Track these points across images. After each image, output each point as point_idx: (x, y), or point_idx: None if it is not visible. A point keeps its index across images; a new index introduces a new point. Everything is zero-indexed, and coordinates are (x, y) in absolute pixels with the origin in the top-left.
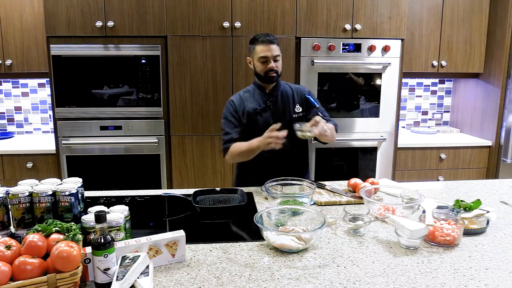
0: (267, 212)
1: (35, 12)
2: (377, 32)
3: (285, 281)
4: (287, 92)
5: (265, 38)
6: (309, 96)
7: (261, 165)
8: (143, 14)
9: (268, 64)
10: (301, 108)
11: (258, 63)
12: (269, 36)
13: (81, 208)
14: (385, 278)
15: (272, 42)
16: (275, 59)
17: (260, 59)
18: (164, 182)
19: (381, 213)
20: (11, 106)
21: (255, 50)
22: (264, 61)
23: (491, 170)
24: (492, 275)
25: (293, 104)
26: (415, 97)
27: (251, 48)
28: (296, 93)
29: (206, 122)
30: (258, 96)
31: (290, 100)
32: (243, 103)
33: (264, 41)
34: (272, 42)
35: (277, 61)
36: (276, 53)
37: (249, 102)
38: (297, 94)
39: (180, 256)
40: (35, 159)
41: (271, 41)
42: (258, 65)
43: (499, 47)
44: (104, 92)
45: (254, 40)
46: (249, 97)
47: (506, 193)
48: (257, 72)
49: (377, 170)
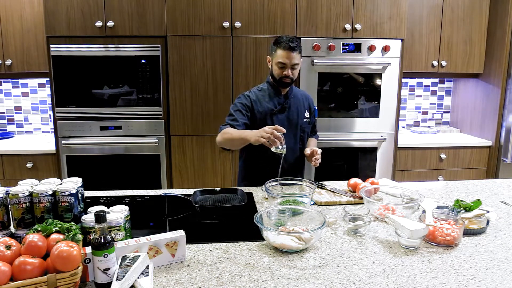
0: (267, 212)
1: (35, 12)
2: (377, 32)
3: (285, 281)
4: (299, 96)
5: (288, 44)
6: (316, 108)
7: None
8: (143, 14)
9: (284, 70)
10: (309, 114)
11: (275, 66)
12: (293, 43)
13: (81, 208)
14: (385, 278)
15: (294, 50)
16: (293, 67)
17: (278, 64)
18: (164, 182)
19: (381, 213)
20: (11, 106)
21: (276, 54)
22: (282, 67)
23: (491, 170)
24: (492, 275)
25: (303, 109)
26: (415, 97)
27: (273, 50)
28: (305, 99)
29: (206, 122)
30: (273, 96)
31: (301, 104)
32: (258, 101)
33: (286, 47)
34: (294, 50)
35: (295, 69)
36: (295, 62)
37: (265, 101)
38: (306, 100)
39: (180, 256)
40: (35, 159)
41: (293, 48)
42: (275, 69)
43: (499, 47)
44: (104, 92)
45: (278, 42)
46: (265, 96)
47: (506, 193)
48: (273, 74)
49: (377, 170)
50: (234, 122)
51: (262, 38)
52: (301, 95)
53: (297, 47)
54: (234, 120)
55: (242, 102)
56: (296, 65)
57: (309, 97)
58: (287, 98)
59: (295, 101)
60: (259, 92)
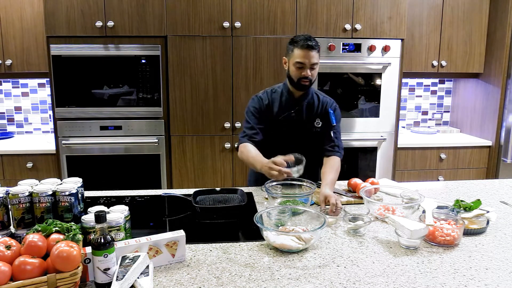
0: (267, 212)
1: (35, 12)
2: (377, 32)
3: (285, 281)
4: (314, 103)
5: (306, 43)
6: (331, 111)
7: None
8: (143, 14)
9: (303, 71)
10: (321, 123)
11: (293, 67)
12: (311, 41)
13: (81, 208)
14: (385, 278)
15: (312, 48)
16: (312, 67)
17: (296, 64)
18: (164, 182)
19: (381, 213)
20: (11, 106)
21: (293, 53)
22: (300, 67)
23: (491, 170)
24: (492, 275)
25: (315, 118)
26: (415, 97)
27: (289, 50)
28: (322, 106)
29: (206, 122)
30: (285, 100)
31: (313, 112)
32: (270, 103)
33: (304, 46)
34: (312, 48)
35: (314, 69)
36: (314, 61)
37: (275, 105)
38: (321, 107)
39: (180, 256)
40: (35, 159)
41: (312, 47)
42: (293, 70)
43: (499, 47)
44: (104, 92)
45: (294, 42)
46: (277, 99)
47: (506, 193)
48: (290, 76)
49: (377, 170)
50: (252, 131)
51: (262, 38)
52: (319, 101)
53: (316, 46)
54: (251, 129)
55: (255, 106)
56: (315, 64)
57: (329, 102)
58: (299, 103)
59: (308, 108)
60: (273, 95)
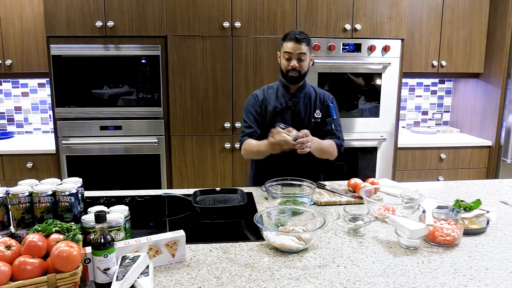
0: (267, 212)
1: (35, 12)
2: (377, 32)
3: (285, 281)
4: (311, 95)
5: (294, 35)
6: (331, 105)
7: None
8: (143, 14)
9: (291, 62)
10: (321, 114)
11: (283, 59)
12: (299, 34)
13: (81, 208)
14: (385, 278)
15: (299, 41)
16: (299, 57)
17: (285, 55)
18: (164, 182)
19: (381, 213)
20: (11, 106)
21: (282, 46)
22: (288, 58)
23: (491, 170)
24: (492, 275)
25: (314, 109)
26: (415, 97)
27: (280, 44)
28: (320, 98)
29: (206, 122)
30: (281, 94)
31: (312, 103)
32: (266, 99)
33: (292, 38)
34: (299, 41)
35: (302, 60)
36: (301, 51)
37: (272, 100)
38: (320, 99)
39: (180, 256)
40: (35, 159)
41: (299, 39)
42: (283, 62)
43: (499, 47)
44: (104, 92)
45: (285, 36)
46: (272, 94)
47: (506, 193)
48: (281, 69)
49: (377, 170)
50: (250, 130)
51: (262, 38)
52: (317, 93)
53: (304, 39)
54: (249, 127)
55: (251, 103)
56: (302, 54)
57: (327, 95)
58: (295, 96)
59: (305, 100)
60: (269, 90)
